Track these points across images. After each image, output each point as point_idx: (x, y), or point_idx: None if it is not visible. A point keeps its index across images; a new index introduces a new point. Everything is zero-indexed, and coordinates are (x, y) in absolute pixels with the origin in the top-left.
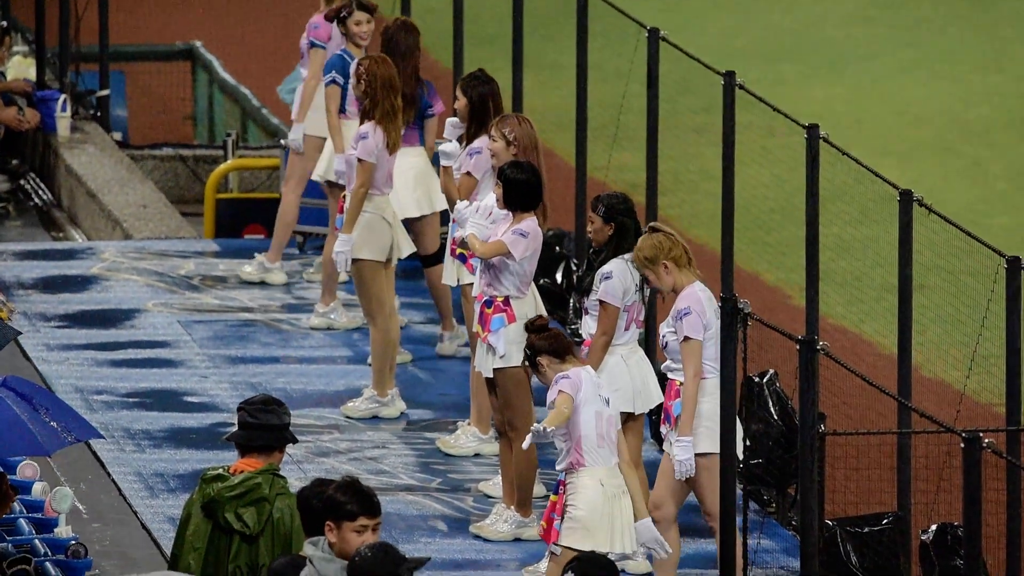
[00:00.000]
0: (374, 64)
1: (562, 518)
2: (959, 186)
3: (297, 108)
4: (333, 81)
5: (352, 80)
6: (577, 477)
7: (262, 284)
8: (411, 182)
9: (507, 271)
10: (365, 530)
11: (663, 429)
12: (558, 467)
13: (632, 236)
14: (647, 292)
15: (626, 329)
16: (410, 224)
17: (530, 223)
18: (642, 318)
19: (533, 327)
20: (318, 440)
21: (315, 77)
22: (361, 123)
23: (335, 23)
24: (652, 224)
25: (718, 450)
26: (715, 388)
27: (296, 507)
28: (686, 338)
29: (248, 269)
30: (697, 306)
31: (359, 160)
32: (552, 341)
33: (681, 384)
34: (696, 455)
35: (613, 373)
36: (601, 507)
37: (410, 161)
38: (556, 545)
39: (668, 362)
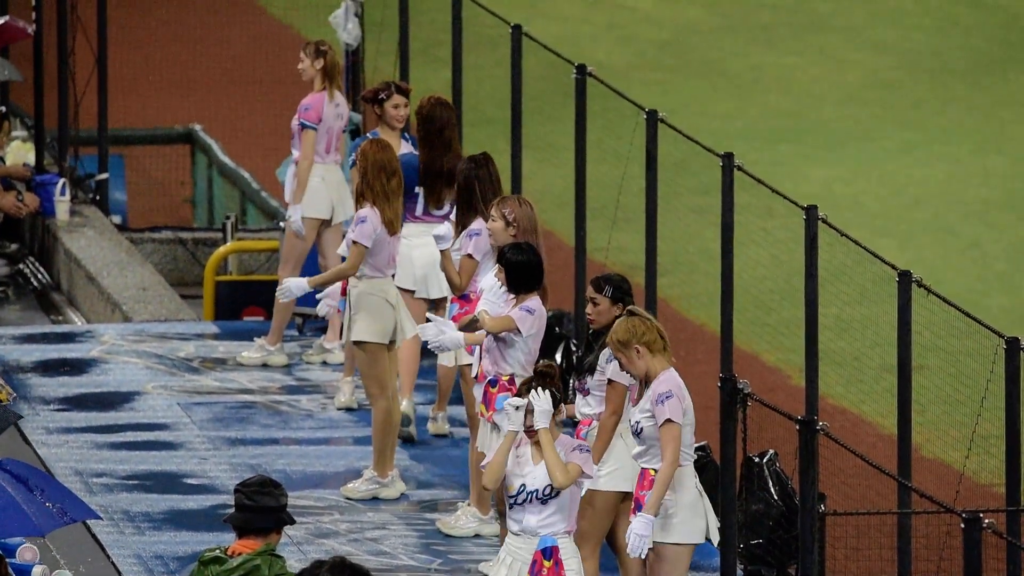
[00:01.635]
0: (369, 146)
1: None
2: (958, 266)
3: (289, 190)
4: (355, 163)
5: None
6: (570, 542)
7: (262, 366)
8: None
9: (513, 349)
10: None
11: (633, 519)
12: (558, 528)
13: None
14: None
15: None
16: (434, 301)
17: (535, 302)
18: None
19: (547, 372)
20: (318, 521)
21: (307, 158)
22: (357, 205)
23: (372, 105)
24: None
25: (689, 542)
26: (691, 476)
27: None
28: (667, 421)
29: (248, 354)
30: (677, 390)
31: (353, 242)
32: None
33: (656, 472)
34: (667, 544)
35: (613, 451)
36: None
37: None
38: None
39: (639, 449)
